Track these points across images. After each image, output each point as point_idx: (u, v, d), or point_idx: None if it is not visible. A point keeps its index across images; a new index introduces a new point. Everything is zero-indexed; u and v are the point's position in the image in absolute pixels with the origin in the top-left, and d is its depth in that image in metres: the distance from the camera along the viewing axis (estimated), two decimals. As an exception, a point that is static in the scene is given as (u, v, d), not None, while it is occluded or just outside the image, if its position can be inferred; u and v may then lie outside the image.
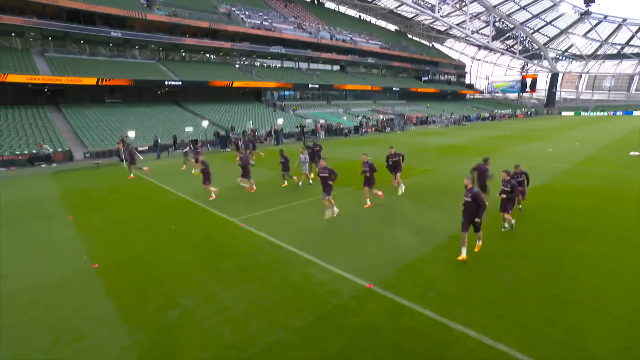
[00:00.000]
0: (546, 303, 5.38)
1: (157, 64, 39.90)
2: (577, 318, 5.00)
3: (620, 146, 22.21)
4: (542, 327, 4.82)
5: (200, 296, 5.83)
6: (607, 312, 5.11)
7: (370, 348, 4.54)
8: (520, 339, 4.59)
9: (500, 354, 4.36)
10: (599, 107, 74.98)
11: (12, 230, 9.40)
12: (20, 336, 4.93)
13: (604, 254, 7.03)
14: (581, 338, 4.59)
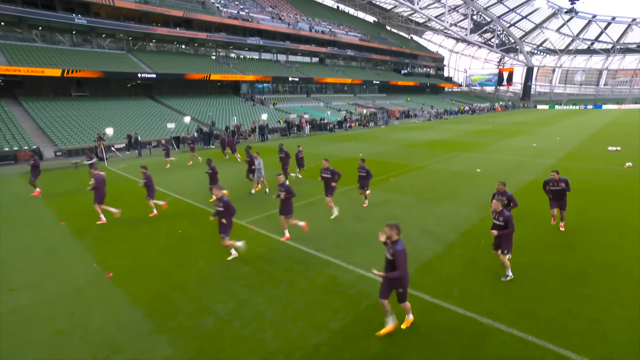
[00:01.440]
0: (563, 297, 5.74)
1: (126, 54, 37.88)
2: (593, 310, 5.38)
3: (598, 141, 23.46)
4: (564, 320, 5.16)
5: (231, 302, 5.84)
6: (618, 304, 5.52)
7: (412, 345, 4.74)
8: (547, 331, 4.91)
9: (533, 345, 4.66)
10: (571, 100, 78.61)
11: (5, 239, 8.95)
12: (56, 351, 4.80)
13: (607, 248, 7.52)
14: (601, 328, 4.96)
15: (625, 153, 18.44)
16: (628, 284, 6.06)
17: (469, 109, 61.88)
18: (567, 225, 8.69)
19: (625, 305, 5.48)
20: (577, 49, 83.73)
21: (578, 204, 10.46)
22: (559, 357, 4.46)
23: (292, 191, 7.97)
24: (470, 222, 9.20)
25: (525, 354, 4.54)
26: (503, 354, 4.55)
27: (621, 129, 30.59)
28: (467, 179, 13.86)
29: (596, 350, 4.52)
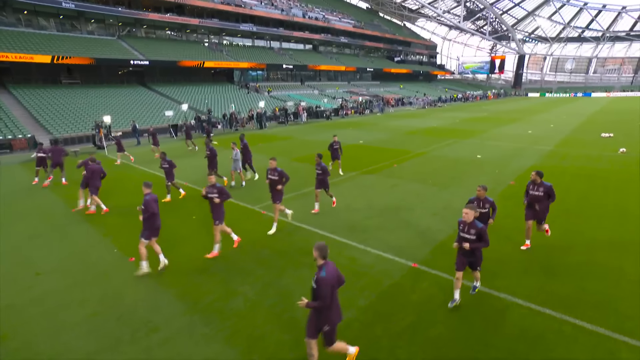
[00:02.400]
0: (573, 275, 6.07)
1: (117, 40, 36.84)
2: (603, 286, 5.70)
3: (590, 128, 24.02)
4: (576, 295, 5.48)
5: (257, 284, 6.02)
6: (626, 280, 5.86)
7: (438, 319, 5.00)
8: (562, 305, 5.21)
9: (550, 317, 4.97)
10: (561, 88, 79.56)
11: (19, 226, 8.95)
12: (95, 331, 4.93)
13: (610, 228, 7.90)
14: (612, 302, 5.29)
15: (618, 139, 18.98)
16: (633, 261, 6.42)
17: (462, 96, 62.27)
18: (570, 209, 9.05)
19: (633, 281, 5.82)
20: (568, 37, 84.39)
21: (578, 188, 10.87)
22: (575, 327, 4.77)
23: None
24: (477, 206, 9.47)
25: (544, 325, 4.83)
26: (524, 325, 4.85)
27: (611, 117, 31.30)
28: (468, 165, 14.16)
29: (610, 321, 4.84)
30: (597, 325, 4.77)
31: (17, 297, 5.79)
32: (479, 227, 4.99)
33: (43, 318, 5.23)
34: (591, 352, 4.34)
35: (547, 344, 4.49)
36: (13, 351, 4.60)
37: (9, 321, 5.19)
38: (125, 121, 25.03)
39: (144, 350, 4.57)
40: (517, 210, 9.03)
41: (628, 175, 12.11)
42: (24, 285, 6.13)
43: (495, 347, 4.47)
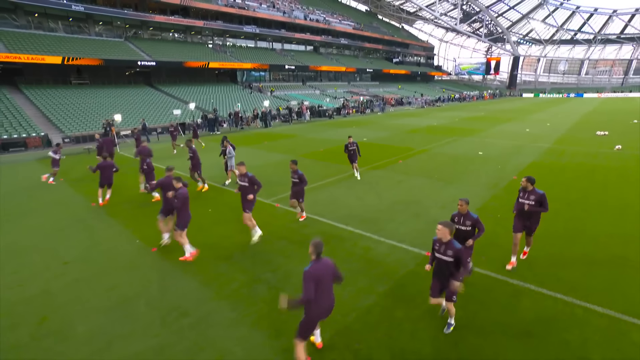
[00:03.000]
0: (580, 262, 6.35)
1: (125, 42, 37.54)
2: (609, 273, 5.98)
3: (585, 127, 24.50)
4: (585, 281, 5.75)
5: (279, 272, 6.23)
6: (630, 267, 6.15)
7: (455, 304, 5.23)
8: (572, 290, 5.48)
9: (562, 301, 5.23)
10: (554, 89, 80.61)
11: (41, 219, 9.09)
12: (126, 315, 5.11)
13: (611, 220, 8.20)
14: (620, 287, 5.56)
15: (613, 137, 19.42)
16: (636, 251, 6.71)
17: (459, 96, 62.88)
18: (572, 202, 9.36)
19: (637, 268, 6.11)
20: (561, 39, 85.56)
21: (579, 183, 11.20)
22: (587, 310, 5.03)
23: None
24: (483, 199, 9.78)
25: (557, 309, 5.09)
26: (537, 308, 5.10)
27: (605, 116, 31.86)
28: (470, 161, 14.46)
29: (619, 305, 5.10)
30: (607, 309, 5.03)
31: (51, 283, 5.99)
32: (457, 247, 4.28)
33: (77, 302, 5.42)
34: (603, 333, 4.60)
35: (561, 326, 4.74)
36: (54, 332, 4.79)
37: (47, 305, 5.40)
38: (134, 120, 25.25)
39: (176, 332, 4.76)
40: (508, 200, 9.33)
41: (626, 171, 12.47)
42: (55, 273, 6.32)
43: (512, 329, 4.72)
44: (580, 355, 4.23)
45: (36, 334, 4.75)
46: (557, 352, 4.29)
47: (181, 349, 4.44)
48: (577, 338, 4.51)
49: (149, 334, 4.73)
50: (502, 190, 10.49)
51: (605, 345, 4.38)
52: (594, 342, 4.44)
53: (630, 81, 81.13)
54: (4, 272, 6.37)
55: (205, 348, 4.45)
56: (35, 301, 5.49)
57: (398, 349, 4.40)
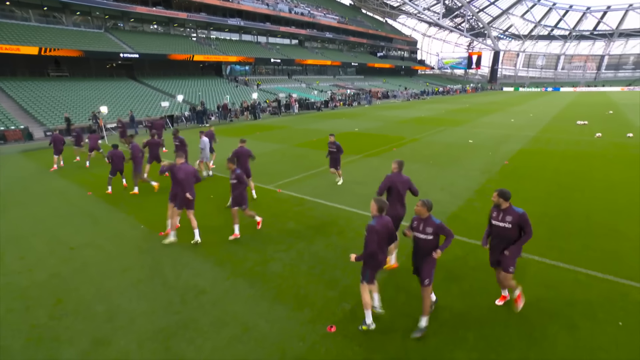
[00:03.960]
0: (578, 235, 6.69)
1: (104, 33, 36.28)
2: (605, 244, 6.33)
3: (566, 117, 25.47)
4: (584, 251, 6.07)
5: (291, 251, 6.30)
6: (625, 238, 6.53)
7: (467, 276, 5.45)
8: (573, 259, 5.79)
9: (565, 269, 5.52)
10: (533, 83, 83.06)
11: (38, 208, 8.81)
12: (143, 295, 5.08)
13: (600, 198, 8.65)
14: (617, 255, 5.90)
15: (592, 126, 20.30)
16: (628, 224, 7.13)
17: (443, 90, 63.95)
18: (563, 184, 9.79)
19: (631, 239, 6.48)
20: (538, 34, 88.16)
21: (567, 167, 11.72)
22: (588, 276, 5.34)
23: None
24: (479, 182, 10.10)
25: (561, 276, 5.38)
26: (543, 276, 5.38)
27: (582, 108, 33.13)
28: (462, 148, 14.84)
29: (617, 271, 5.43)
30: (608, 274, 5.35)
31: (60, 267, 5.87)
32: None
33: (90, 285, 5.34)
34: (606, 295, 4.90)
35: (567, 290, 5.02)
36: (72, 312, 4.72)
37: (60, 288, 5.30)
38: (119, 113, 24.53)
39: (197, 309, 4.77)
40: (517, 183, 9.74)
41: (607, 155, 13.11)
42: (62, 258, 6.19)
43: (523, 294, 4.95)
44: (587, 314, 4.50)
45: (54, 314, 4.67)
46: (565, 312, 4.55)
47: (205, 324, 4.46)
48: (583, 300, 4.79)
49: (170, 311, 4.73)
50: (497, 174, 10.85)
51: (609, 305, 4.67)
52: (598, 303, 4.72)
53: (602, 76, 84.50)
54: (10, 259, 6.19)
55: (229, 322, 4.49)
56: (47, 285, 5.37)
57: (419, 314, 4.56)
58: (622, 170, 11.04)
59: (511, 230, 4.33)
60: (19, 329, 4.42)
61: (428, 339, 4.13)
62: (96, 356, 3.96)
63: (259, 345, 4.09)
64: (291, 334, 4.26)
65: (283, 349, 4.02)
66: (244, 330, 4.33)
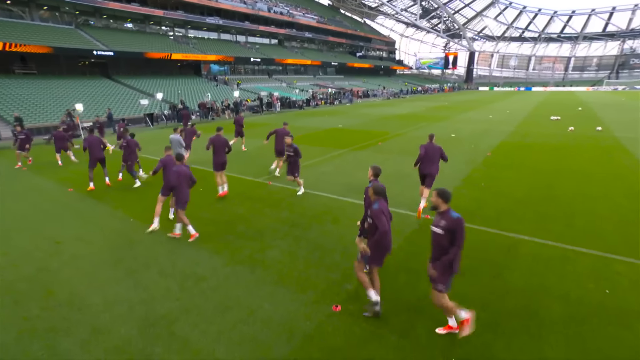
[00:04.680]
0: (561, 217, 7.02)
1: (75, 30, 34.72)
2: (587, 224, 6.69)
3: (540, 113, 26.58)
4: (568, 231, 6.37)
5: (288, 238, 6.28)
6: (603, 219, 6.91)
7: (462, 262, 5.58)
8: (560, 238, 6.06)
9: (553, 247, 5.78)
10: (507, 83, 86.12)
11: (16, 205, 8.37)
12: (140, 284, 4.94)
13: (580, 184, 9.11)
14: (599, 234, 6.22)
15: (565, 121, 21.27)
16: (604, 206, 7.54)
17: (422, 89, 65.30)
18: (544, 171, 10.25)
19: (610, 219, 6.85)
20: (511, 36, 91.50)
21: (546, 157, 12.25)
22: (575, 252, 5.61)
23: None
24: (465, 172, 10.40)
25: (550, 252, 5.62)
26: (534, 252, 5.61)
27: (554, 106, 34.63)
28: (446, 141, 15.17)
29: (601, 246, 5.74)
30: (592, 249, 5.65)
31: (47, 261, 5.61)
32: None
33: (83, 277, 5.15)
34: (592, 267, 5.17)
35: (557, 264, 5.26)
36: (66, 303, 4.54)
37: (49, 280, 5.08)
38: (95, 112, 23.57)
39: (198, 295, 4.69)
40: (501, 172, 10.11)
41: (581, 146, 13.79)
42: (49, 252, 5.92)
43: (517, 269, 5.15)
44: (578, 284, 4.74)
45: (46, 306, 4.47)
46: (557, 283, 4.77)
47: (208, 309, 4.39)
48: (572, 272, 5.03)
49: (170, 298, 4.62)
50: (481, 165, 11.22)
51: (596, 275, 4.94)
52: (586, 274, 4.98)
53: (569, 76, 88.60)
54: (-10, 254, 5.87)
55: (232, 307, 4.43)
56: (34, 278, 5.13)
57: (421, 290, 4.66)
58: (595, 160, 11.65)
59: (443, 237, 3.63)
60: (9, 322, 4.20)
61: (434, 314, 4.23)
62: (97, 345, 3.82)
63: (266, 326, 4.07)
64: (297, 315, 4.25)
65: (290, 329, 4.01)
66: (249, 314, 4.29)
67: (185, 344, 3.81)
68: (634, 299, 4.40)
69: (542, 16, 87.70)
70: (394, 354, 3.62)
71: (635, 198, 7.93)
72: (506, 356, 3.58)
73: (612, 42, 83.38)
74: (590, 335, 3.83)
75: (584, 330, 3.91)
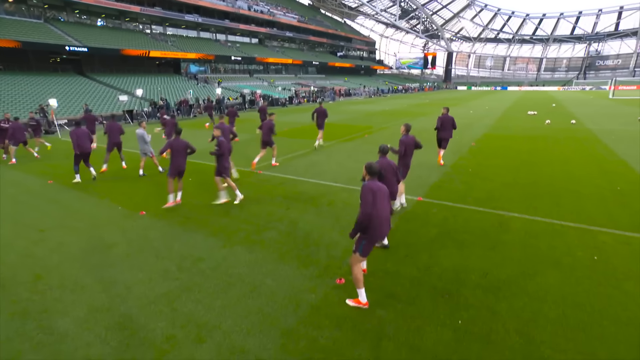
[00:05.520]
0: (548, 197, 7.29)
1: (45, 24, 33.07)
2: (571, 201, 6.99)
3: (517, 109, 27.54)
4: (556, 209, 6.62)
5: (284, 221, 6.23)
6: (584, 195, 7.24)
7: (458, 230, 5.74)
8: (548, 214, 6.30)
9: (543, 222, 5.99)
10: (484, 82, 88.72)
11: None
12: (139, 265, 4.78)
13: (560, 169, 9.52)
14: (582, 210, 6.51)
15: (541, 116, 22.13)
16: (585, 187, 7.92)
17: (402, 88, 66.36)
18: (526, 160, 10.64)
19: (592, 198, 7.19)
20: (487, 37, 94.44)
21: (526, 147, 12.68)
22: (563, 226, 5.84)
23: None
24: (452, 159, 10.66)
25: (540, 227, 5.83)
26: (525, 228, 5.80)
27: (530, 102, 35.97)
28: (430, 133, 15.19)
29: (585, 220, 6.03)
30: (579, 223, 5.90)
31: (32, 248, 5.35)
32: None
33: (72, 261, 4.94)
34: (579, 238, 5.40)
35: (548, 237, 5.46)
36: (58, 286, 4.34)
37: (35, 265, 4.85)
38: (69, 109, 22.64)
39: (197, 274, 4.59)
40: (487, 160, 10.41)
41: (559, 137, 14.38)
42: (33, 239, 5.64)
43: (510, 242, 5.32)
44: (568, 253, 4.94)
45: (35, 290, 4.26)
46: (549, 253, 4.95)
47: (210, 286, 4.30)
48: (562, 243, 5.24)
49: (169, 278, 4.50)
50: (467, 153, 11.54)
51: (584, 245, 5.17)
52: (574, 244, 5.20)
53: (542, 77, 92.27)
54: (-33, 243, 5.54)
55: (234, 283, 4.36)
56: (19, 264, 4.87)
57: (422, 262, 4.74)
58: (573, 148, 12.18)
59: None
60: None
61: (436, 285, 4.30)
62: (96, 323, 3.67)
63: (271, 299, 4.02)
64: (301, 288, 4.23)
65: (296, 301, 3.98)
66: (252, 289, 4.24)
67: (190, 318, 3.72)
68: (620, 264, 4.63)
69: (516, 18, 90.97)
70: (402, 319, 3.65)
71: (611, 179, 8.37)
72: (510, 315, 3.68)
73: (580, 45, 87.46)
74: (584, 295, 4.00)
75: (578, 291, 4.08)
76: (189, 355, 3.24)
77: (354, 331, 3.50)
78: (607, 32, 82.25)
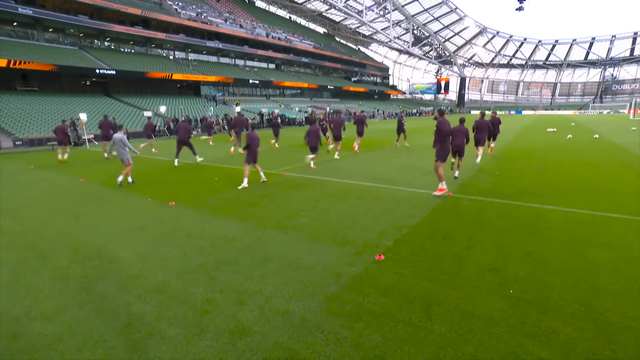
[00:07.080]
0: (582, 192, 7.07)
1: (79, 50, 35.41)
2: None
3: (536, 127, 27.33)
4: (592, 202, 6.41)
5: (316, 210, 6.19)
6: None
7: (495, 224, 5.56)
8: (586, 206, 6.07)
9: (581, 213, 5.75)
10: (497, 107, 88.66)
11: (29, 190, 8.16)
12: (172, 244, 4.79)
13: (582, 171, 9.26)
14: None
15: (561, 132, 21.84)
16: (620, 183, 7.64)
17: (417, 111, 66.91)
18: (554, 162, 10.39)
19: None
20: (499, 63, 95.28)
21: (551, 155, 12.47)
22: (605, 217, 5.60)
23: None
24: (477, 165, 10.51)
25: (580, 217, 5.59)
26: (564, 217, 5.57)
27: (547, 122, 35.69)
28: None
29: (626, 212, 5.77)
30: (622, 214, 5.66)
31: (69, 228, 5.51)
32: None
33: (108, 238, 5.02)
34: (626, 226, 5.13)
35: (591, 224, 5.24)
36: (95, 257, 4.41)
37: (73, 241, 4.97)
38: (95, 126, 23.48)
39: (232, 250, 4.55)
40: (511, 164, 10.24)
41: (583, 148, 14.13)
42: (69, 222, 5.80)
43: (552, 228, 5.11)
44: (617, 237, 4.70)
45: (75, 259, 4.28)
46: (596, 236, 4.73)
47: (246, 261, 4.23)
48: (608, 229, 5.00)
49: (203, 253, 4.46)
50: (490, 160, 11.39)
51: (632, 232, 4.91)
52: (622, 231, 4.94)
53: (557, 101, 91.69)
54: (9, 224, 5.67)
55: (271, 258, 4.29)
56: (58, 239, 4.95)
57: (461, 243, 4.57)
58: (599, 155, 11.93)
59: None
60: (39, 272, 4.00)
61: (479, 261, 4.14)
62: (134, 286, 3.64)
63: (311, 271, 3.92)
64: (340, 263, 4.12)
65: (337, 273, 3.87)
66: (290, 263, 4.15)
67: (229, 285, 3.65)
68: (678, 247, 4.37)
69: (528, 45, 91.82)
70: (450, 289, 3.49)
71: (649, 179, 8.08)
72: (564, 287, 3.48)
73: (594, 70, 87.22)
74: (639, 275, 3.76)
75: (636, 268, 3.84)
76: (231, 315, 3.15)
77: (400, 297, 3.36)
78: (622, 57, 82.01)
